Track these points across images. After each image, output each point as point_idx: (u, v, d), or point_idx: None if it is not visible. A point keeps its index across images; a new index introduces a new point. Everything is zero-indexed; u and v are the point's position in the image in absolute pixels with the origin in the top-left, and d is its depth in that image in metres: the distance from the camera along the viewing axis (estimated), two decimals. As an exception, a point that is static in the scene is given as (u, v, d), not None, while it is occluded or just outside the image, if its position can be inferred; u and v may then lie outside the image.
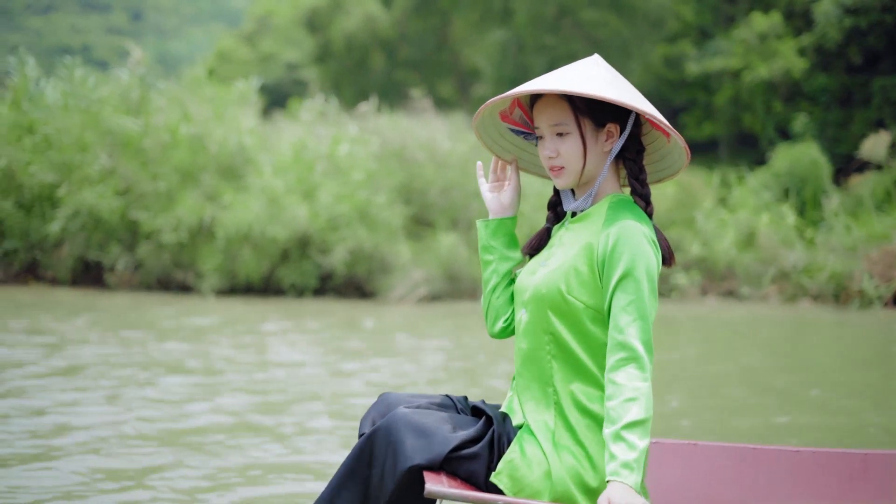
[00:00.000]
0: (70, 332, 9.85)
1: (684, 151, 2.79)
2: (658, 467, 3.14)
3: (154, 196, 14.74)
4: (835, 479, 3.08)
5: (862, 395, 7.52)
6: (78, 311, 11.86)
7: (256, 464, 5.01)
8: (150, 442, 5.38)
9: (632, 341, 2.55)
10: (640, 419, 2.48)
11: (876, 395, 7.58)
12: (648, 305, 2.59)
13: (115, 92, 15.63)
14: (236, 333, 10.37)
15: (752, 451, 3.14)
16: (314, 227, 14.15)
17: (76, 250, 14.83)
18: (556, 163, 2.74)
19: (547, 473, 2.61)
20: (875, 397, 7.49)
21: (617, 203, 2.73)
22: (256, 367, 8.15)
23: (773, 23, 26.80)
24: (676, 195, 16.52)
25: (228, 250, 14.18)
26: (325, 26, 31.93)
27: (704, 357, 10.05)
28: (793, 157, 21.02)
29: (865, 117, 24.77)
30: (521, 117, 2.91)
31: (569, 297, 2.67)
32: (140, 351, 8.83)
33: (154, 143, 14.91)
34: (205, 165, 14.95)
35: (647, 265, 2.60)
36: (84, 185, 14.80)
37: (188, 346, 9.26)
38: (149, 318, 11.53)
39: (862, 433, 6.08)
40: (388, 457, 2.59)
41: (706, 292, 15.88)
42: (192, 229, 14.45)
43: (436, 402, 2.84)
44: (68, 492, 4.37)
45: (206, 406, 6.40)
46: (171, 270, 14.67)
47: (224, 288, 14.37)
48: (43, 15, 50.11)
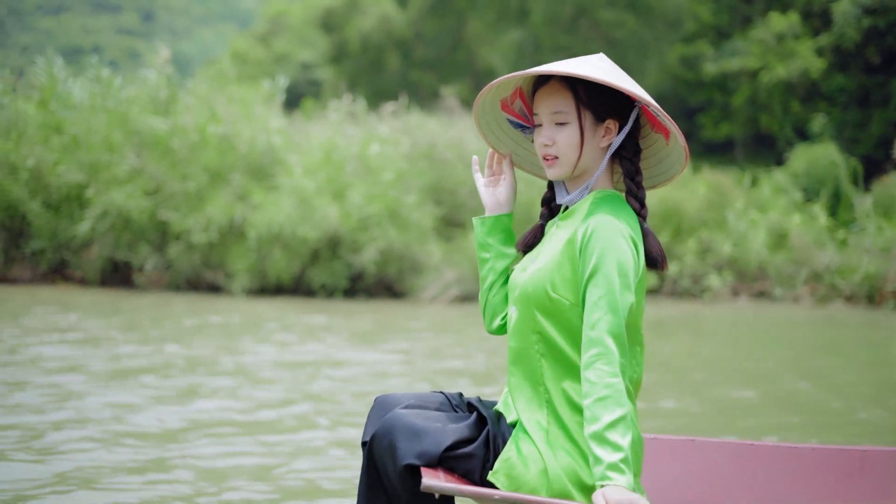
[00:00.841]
0: (153, 334, 9.82)
1: (683, 153, 2.75)
2: (656, 463, 3.13)
3: (183, 196, 14.70)
4: (833, 476, 3.07)
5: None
6: (126, 312, 11.82)
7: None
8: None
9: (602, 336, 2.52)
10: (618, 417, 2.46)
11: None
12: (620, 300, 2.55)
13: (142, 92, 15.60)
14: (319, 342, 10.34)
15: (751, 447, 3.13)
16: (345, 228, 14.11)
17: (105, 251, 14.80)
18: (550, 151, 2.72)
19: (543, 471, 2.60)
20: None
21: (601, 199, 2.70)
22: (328, 367, 8.12)
23: (791, 23, 26.75)
24: (707, 195, 16.46)
25: (259, 250, 14.15)
26: (340, 26, 31.91)
27: (736, 356, 10.00)
28: (811, 157, 20.97)
29: (884, 117, 24.72)
30: (521, 108, 2.88)
31: (554, 295, 2.65)
32: (233, 357, 8.79)
33: (183, 143, 14.88)
34: (234, 165, 14.91)
35: (619, 259, 2.56)
36: (112, 185, 14.76)
37: (274, 350, 9.23)
38: (204, 320, 11.48)
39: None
40: (388, 461, 2.60)
41: (737, 293, 15.82)
42: (222, 229, 14.41)
43: (431, 400, 2.82)
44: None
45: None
46: (200, 271, 14.63)
47: (254, 288, 14.33)
48: (54, 15, 50.12)
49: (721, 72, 28.24)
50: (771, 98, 27.03)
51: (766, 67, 26.69)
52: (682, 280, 15.65)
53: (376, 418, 2.76)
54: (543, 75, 2.73)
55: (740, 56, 27.82)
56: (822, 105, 25.90)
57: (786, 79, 26.20)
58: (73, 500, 4.19)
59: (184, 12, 55.10)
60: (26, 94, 16.15)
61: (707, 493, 3.11)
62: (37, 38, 47.55)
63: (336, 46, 32.20)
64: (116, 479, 4.54)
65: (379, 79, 31.65)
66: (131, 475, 4.61)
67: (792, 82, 26.39)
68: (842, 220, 17.89)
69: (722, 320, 13.45)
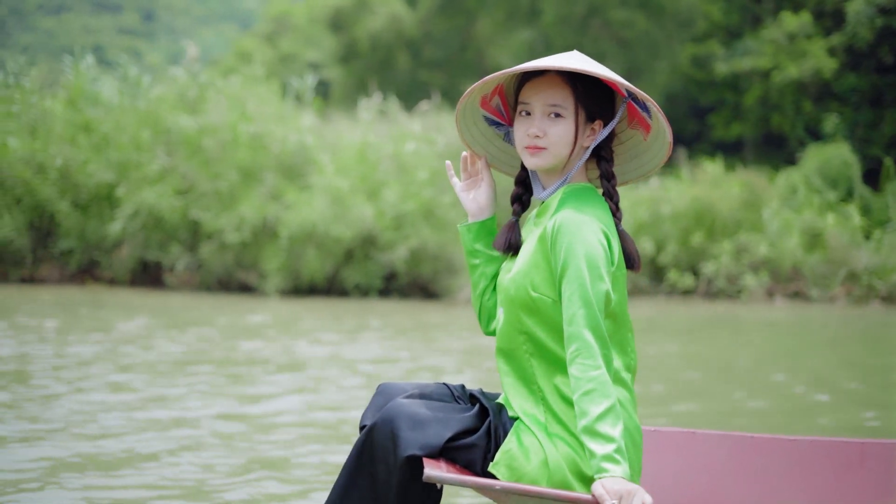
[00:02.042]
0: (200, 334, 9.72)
1: (665, 148, 2.77)
2: (657, 456, 3.16)
3: (214, 195, 14.59)
4: (832, 468, 3.10)
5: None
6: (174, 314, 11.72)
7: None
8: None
9: (579, 331, 2.55)
10: (606, 409, 2.49)
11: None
12: (592, 292, 2.56)
13: (171, 90, 15.49)
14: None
15: (750, 439, 3.15)
16: (379, 227, 14.00)
17: (135, 251, 14.68)
18: (540, 143, 2.71)
19: (544, 462, 2.62)
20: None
21: (569, 193, 2.73)
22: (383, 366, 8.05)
23: (803, 22, 26.71)
24: (741, 195, 16.40)
25: (292, 250, 14.04)
26: (349, 26, 31.80)
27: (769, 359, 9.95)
28: (824, 157, 20.92)
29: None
30: (497, 105, 2.87)
31: (535, 294, 2.67)
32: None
33: (214, 142, 14.76)
34: (266, 164, 14.80)
35: (587, 251, 2.58)
36: (143, 184, 14.65)
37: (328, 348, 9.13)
38: (261, 321, 11.39)
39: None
40: (388, 449, 2.61)
41: (772, 294, 15.76)
42: (255, 228, 14.31)
43: (433, 390, 2.83)
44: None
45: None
46: (233, 271, 14.52)
47: (287, 288, 14.22)
48: (55, 15, 49.88)
49: (732, 72, 28.19)
50: (783, 98, 27.00)
51: (778, 67, 26.64)
52: (717, 280, 15.59)
53: (378, 405, 2.77)
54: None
55: (752, 56, 27.77)
56: (834, 105, 25.87)
57: (798, 79, 26.15)
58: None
59: (184, 12, 54.89)
60: (53, 93, 16.01)
61: (708, 484, 3.15)
62: (38, 37, 47.34)
63: (345, 46, 32.08)
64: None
65: (388, 78, 31.54)
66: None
67: (804, 82, 26.35)
68: (876, 220, 17.83)
69: (764, 320, 13.40)
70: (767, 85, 27.26)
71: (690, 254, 15.99)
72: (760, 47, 27.58)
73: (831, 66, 25.64)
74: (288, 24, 38.23)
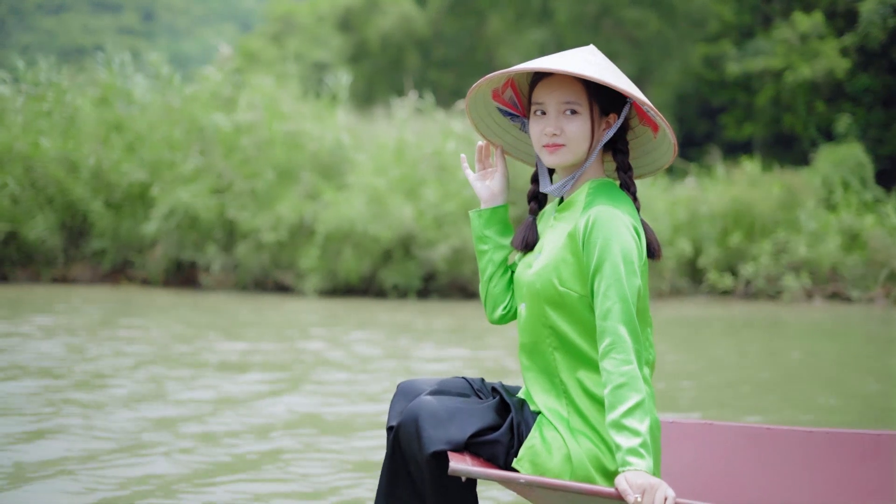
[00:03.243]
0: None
1: (671, 147, 2.82)
2: (675, 447, 3.21)
3: (250, 195, 14.47)
4: (847, 459, 3.13)
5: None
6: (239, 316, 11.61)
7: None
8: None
9: (614, 326, 2.58)
10: (635, 403, 2.52)
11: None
12: (627, 287, 2.60)
13: (204, 89, 15.37)
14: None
15: (767, 431, 3.20)
16: (419, 227, 13.89)
17: (170, 250, 14.56)
18: (557, 140, 2.75)
19: (567, 457, 2.65)
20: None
21: (597, 187, 2.76)
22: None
23: (815, 22, 26.71)
24: (779, 196, 16.35)
25: (329, 250, 13.92)
26: (360, 26, 31.71)
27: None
28: (837, 158, 20.90)
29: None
30: (511, 98, 2.92)
31: (562, 288, 2.69)
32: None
33: (250, 141, 14.65)
34: (302, 163, 14.69)
35: (623, 247, 2.62)
36: (177, 183, 14.53)
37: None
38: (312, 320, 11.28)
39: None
40: (414, 449, 2.64)
41: (811, 295, 15.71)
42: (292, 228, 14.19)
43: (453, 385, 2.85)
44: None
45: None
46: (270, 271, 14.41)
47: (325, 288, 14.11)
48: (55, 15, 49.60)
49: (744, 72, 28.18)
50: (795, 98, 26.98)
51: (791, 67, 26.63)
52: (756, 281, 15.54)
53: (400, 404, 2.79)
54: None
55: (764, 56, 27.76)
56: (846, 105, 25.86)
57: (810, 79, 26.15)
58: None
59: (184, 12, 54.68)
60: (84, 92, 15.89)
61: (723, 475, 3.19)
62: (38, 37, 47.09)
63: (355, 46, 31.98)
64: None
65: (398, 78, 31.44)
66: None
67: (817, 82, 26.35)
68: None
69: (811, 321, 13.35)
70: (780, 85, 27.24)
71: (729, 254, 15.93)
72: (772, 47, 27.57)
73: (844, 66, 25.63)
74: (294, 24, 38.06)
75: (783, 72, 26.98)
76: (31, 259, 14.89)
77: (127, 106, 15.26)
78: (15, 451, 4.63)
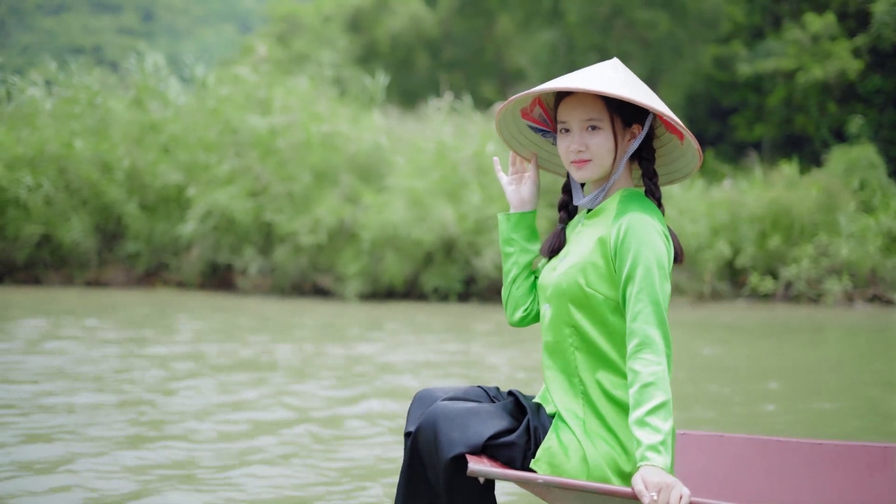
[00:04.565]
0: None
1: (697, 153, 2.88)
2: (685, 457, 3.26)
3: (286, 197, 14.36)
4: (854, 471, 3.16)
5: None
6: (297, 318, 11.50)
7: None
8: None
9: (645, 328, 2.64)
10: (660, 403, 2.57)
11: None
12: (660, 292, 2.67)
13: (240, 90, 15.26)
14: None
15: (776, 442, 3.24)
16: (461, 230, 13.80)
17: (206, 253, 14.45)
18: (584, 156, 2.82)
19: (583, 459, 2.70)
20: None
21: (627, 196, 2.83)
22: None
23: (827, 23, 26.71)
24: (818, 198, 16.30)
25: (372, 253, 13.82)
26: (369, 27, 31.61)
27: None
28: (849, 159, 20.89)
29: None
30: (540, 115, 3.00)
31: (588, 289, 2.76)
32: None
33: (287, 143, 14.54)
34: (339, 165, 14.58)
35: (657, 253, 2.69)
36: (213, 185, 14.42)
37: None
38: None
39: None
40: (433, 453, 2.68)
41: (851, 298, 15.67)
42: (331, 231, 14.08)
43: (469, 393, 2.90)
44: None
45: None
46: (308, 274, 14.30)
47: (365, 292, 14.01)
48: (54, 15, 49.35)
49: (755, 73, 28.17)
50: (807, 99, 26.98)
51: (803, 68, 26.63)
52: (798, 284, 15.50)
53: (418, 411, 2.85)
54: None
55: (775, 57, 27.75)
56: (858, 106, 25.88)
57: (822, 80, 26.15)
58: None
59: (184, 12, 54.47)
60: (117, 94, 15.77)
61: (733, 485, 3.23)
62: (37, 37, 46.86)
63: (364, 46, 31.86)
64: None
65: (407, 79, 31.34)
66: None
67: (829, 83, 26.36)
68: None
69: (859, 324, 13.29)
70: (791, 86, 27.24)
71: (768, 257, 15.88)
72: (784, 48, 27.56)
73: (856, 67, 25.64)
74: (299, 25, 37.92)
75: (795, 73, 26.98)
76: (64, 262, 14.77)
77: (163, 108, 15.12)
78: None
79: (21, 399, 5.87)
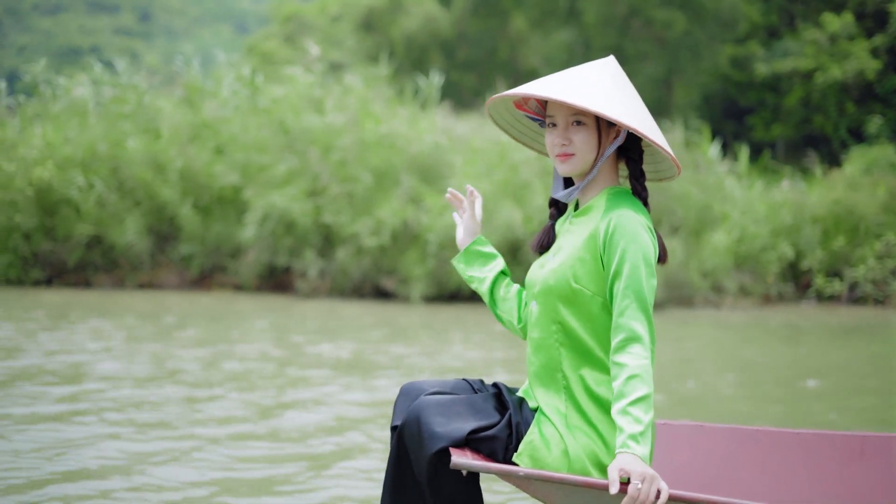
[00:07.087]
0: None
1: (674, 165, 2.94)
2: (667, 448, 3.31)
3: (346, 198, 14.13)
4: (835, 460, 3.23)
5: None
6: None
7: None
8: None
9: (632, 323, 2.68)
10: (643, 395, 2.61)
11: None
12: (646, 288, 2.72)
13: (293, 91, 15.03)
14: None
15: (756, 432, 3.30)
16: (527, 231, 13.61)
17: (263, 255, 14.20)
18: (567, 150, 2.86)
19: (564, 452, 2.75)
20: None
21: (615, 194, 2.87)
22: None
23: (845, 23, 26.70)
24: (883, 199, 16.18)
25: (440, 257, 13.61)
26: (383, 27, 31.40)
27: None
28: (869, 159, 20.86)
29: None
30: (535, 106, 3.04)
31: (576, 286, 2.80)
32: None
33: (346, 144, 14.30)
34: (398, 166, 14.36)
35: (644, 250, 2.74)
36: (269, 187, 14.18)
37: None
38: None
39: None
40: (417, 447, 2.72)
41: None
42: (394, 233, 13.86)
43: (454, 386, 2.94)
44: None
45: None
46: (371, 276, 14.07)
47: (430, 295, 13.79)
48: (52, 16, 48.89)
49: (773, 73, 28.12)
50: (825, 99, 26.95)
51: (821, 68, 26.60)
52: (864, 286, 15.38)
53: (404, 404, 2.89)
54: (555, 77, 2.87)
55: (792, 57, 27.71)
56: (876, 106, 25.87)
57: (840, 80, 26.13)
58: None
59: (181, 13, 54.08)
60: (167, 93, 15.52)
61: (715, 475, 3.28)
62: (34, 38, 46.42)
63: (378, 46, 31.65)
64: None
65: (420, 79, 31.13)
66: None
67: (846, 83, 26.34)
68: None
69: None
70: (809, 86, 27.21)
71: (832, 258, 15.75)
72: (801, 48, 27.52)
73: (874, 66, 25.64)
74: (307, 25, 37.65)
75: (813, 73, 26.95)
76: (115, 264, 14.50)
77: (219, 107, 14.85)
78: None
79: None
